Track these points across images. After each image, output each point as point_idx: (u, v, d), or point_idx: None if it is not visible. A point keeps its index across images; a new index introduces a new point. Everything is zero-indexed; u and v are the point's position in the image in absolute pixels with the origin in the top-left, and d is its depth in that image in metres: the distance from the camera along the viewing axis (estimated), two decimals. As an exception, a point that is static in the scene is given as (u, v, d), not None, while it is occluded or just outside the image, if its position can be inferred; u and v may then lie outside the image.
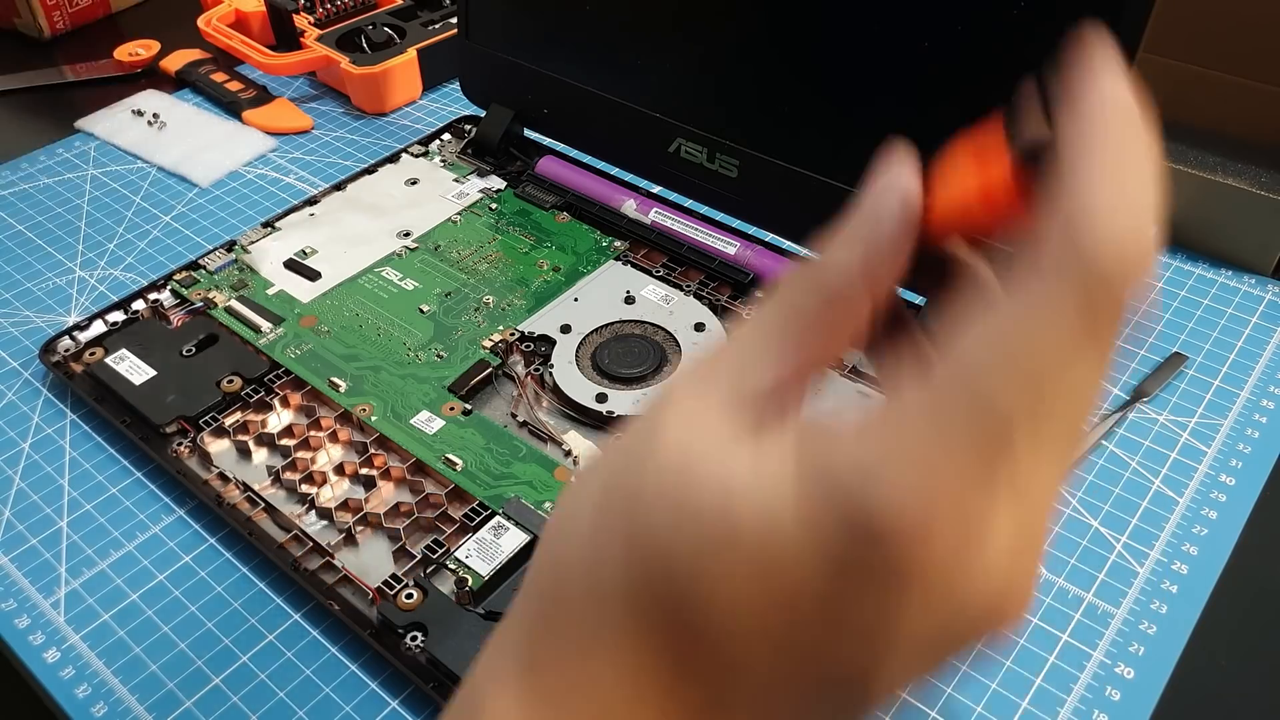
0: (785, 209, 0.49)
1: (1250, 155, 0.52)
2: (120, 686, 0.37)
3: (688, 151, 0.51)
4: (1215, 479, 0.43)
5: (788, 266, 0.44)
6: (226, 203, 0.61)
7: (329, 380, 0.46)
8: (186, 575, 0.40)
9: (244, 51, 0.69)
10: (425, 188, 0.58)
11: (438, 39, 0.69)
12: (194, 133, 0.66)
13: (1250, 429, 0.45)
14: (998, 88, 0.40)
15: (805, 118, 0.47)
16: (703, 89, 0.50)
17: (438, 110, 0.69)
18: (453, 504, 0.41)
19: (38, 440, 0.46)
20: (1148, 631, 0.37)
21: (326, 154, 0.65)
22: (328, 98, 0.71)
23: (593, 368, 0.46)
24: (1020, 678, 0.36)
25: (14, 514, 0.43)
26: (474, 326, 0.49)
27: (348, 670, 0.37)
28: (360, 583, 0.38)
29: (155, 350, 0.47)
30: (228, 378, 0.46)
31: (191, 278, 0.52)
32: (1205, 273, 0.53)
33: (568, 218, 0.55)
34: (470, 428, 0.44)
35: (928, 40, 0.41)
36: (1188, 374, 0.48)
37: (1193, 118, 0.54)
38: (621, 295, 0.50)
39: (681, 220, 0.53)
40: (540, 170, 0.58)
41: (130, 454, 0.45)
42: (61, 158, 0.65)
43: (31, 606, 0.39)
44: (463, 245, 0.54)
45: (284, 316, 0.49)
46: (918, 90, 0.43)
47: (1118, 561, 0.40)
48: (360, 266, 0.52)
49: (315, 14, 0.70)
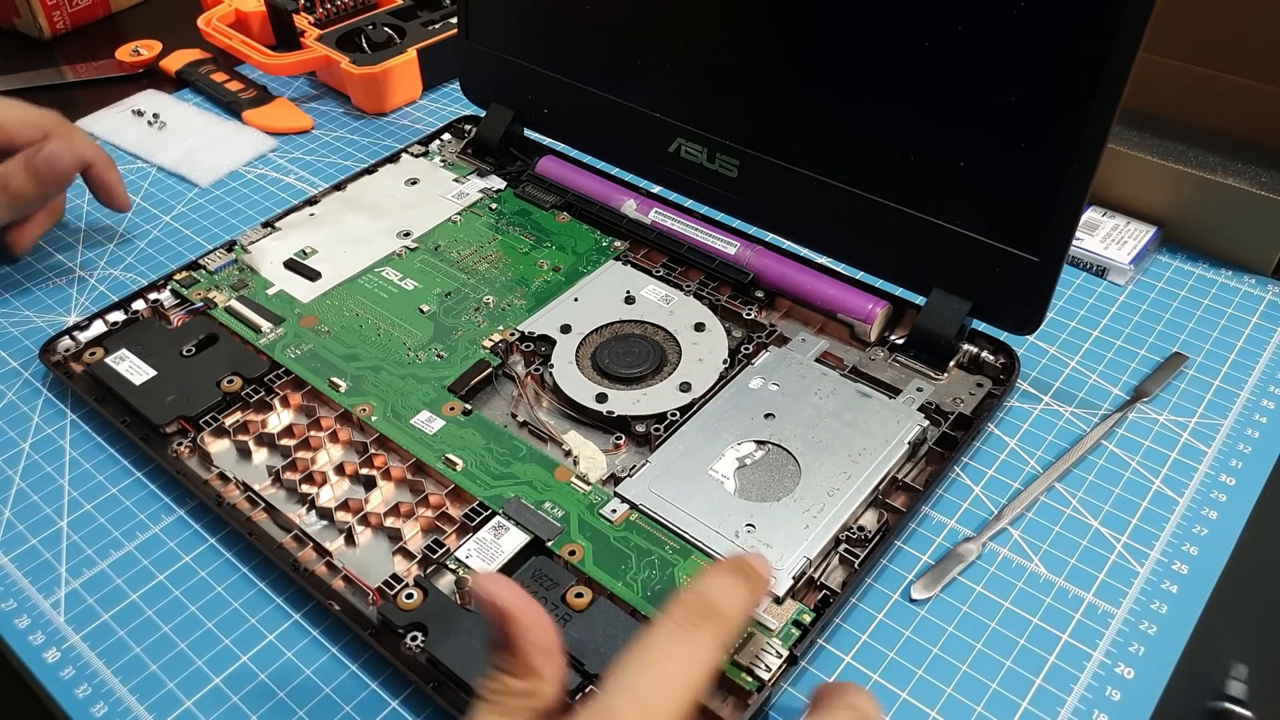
0: (785, 209, 0.49)
1: (1250, 155, 0.52)
2: (120, 686, 0.37)
3: (688, 151, 0.51)
4: (1215, 479, 0.43)
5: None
6: (226, 203, 0.61)
7: (329, 380, 0.46)
8: (186, 575, 0.40)
9: (244, 51, 0.69)
10: (425, 188, 0.58)
11: (438, 39, 0.69)
12: (194, 133, 0.66)
13: (1250, 429, 0.45)
14: (998, 88, 0.41)
15: (805, 118, 0.47)
16: (703, 89, 0.50)
17: (438, 110, 0.69)
18: (453, 504, 0.41)
19: (38, 440, 0.46)
20: (1148, 631, 0.37)
21: (326, 154, 0.65)
22: (328, 98, 0.71)
23: (593, 368, 0.46)
24: (1020, 678, 0.36)
25: (14, 514, 0.43)
26: (474, 326, 0.49)
27: (348, 670, 0.37)
28: (360, 583, 0.38)
29: (155, 350, 0.47)
30: (228, 378, 0.46)
31: (191, 278, 0.52)
32: (1205, 273, 0.53)
33: (568, 218, 0.55)
34: (470, 428, 0.44)
35: (928, 40, 0.41)
36: (1188, 374, 0.48)
37: (1193, 118, 0.54)
38: (621, 295, 0.50)
39: (681, 220, 0.53)
40: (540, 170, 0.58)
41: (130, 454, 0.45)
42: (61, 158, 0.65)
43: (31, 606, 0.39)
44: (463, 245, 0.54)
45: (284, 316, 0.49)
46: (918, 90, 0.43)
47: (1118, 561, 0.40)
48: (360, 266, 0.52)
49: (315, 14, 0.70)
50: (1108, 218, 0.55)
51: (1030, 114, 0.40)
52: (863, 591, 0.39)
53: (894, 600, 0.39)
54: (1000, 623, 0.38)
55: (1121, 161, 0.53)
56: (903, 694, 0.36)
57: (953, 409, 0.44)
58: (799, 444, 0.42)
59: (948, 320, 0.45)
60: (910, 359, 0.46)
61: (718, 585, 0.30)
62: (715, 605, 0.29)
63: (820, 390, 0.44)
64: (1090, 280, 0.53)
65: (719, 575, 0.30)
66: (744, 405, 0.44)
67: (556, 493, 0.41)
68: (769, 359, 0.46)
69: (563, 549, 0.38)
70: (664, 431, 0.43)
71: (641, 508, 0.40)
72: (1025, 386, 0.47)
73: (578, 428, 0.44)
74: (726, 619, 0.29)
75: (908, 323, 0.47)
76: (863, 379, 0.45)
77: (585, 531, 0.39)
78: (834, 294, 0.48)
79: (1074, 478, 0.43)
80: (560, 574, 0.37)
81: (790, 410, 0.43)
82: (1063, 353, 0.49)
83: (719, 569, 0.31)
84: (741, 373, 0.45)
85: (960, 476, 0.43)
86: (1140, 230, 0.54)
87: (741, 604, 0.30)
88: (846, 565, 0.39)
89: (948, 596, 0.39)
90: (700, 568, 0.38)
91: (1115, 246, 0.53)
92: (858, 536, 0.39)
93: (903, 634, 0.38)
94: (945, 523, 0.41)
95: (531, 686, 0.28)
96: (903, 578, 0.40)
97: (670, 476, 0.41)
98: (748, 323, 0.48)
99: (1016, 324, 0.44)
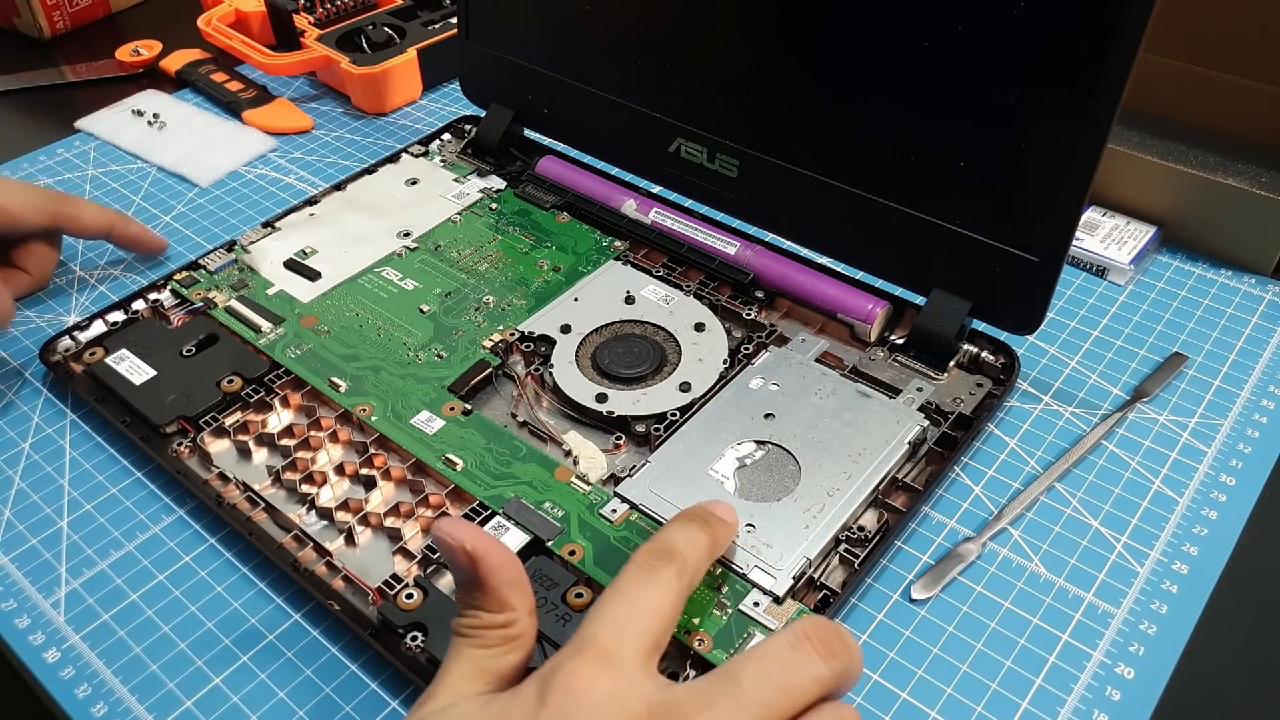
0: (785, 209, 0.49)
1: (1250, 155, 0.52)
2: (120, 686, 0.37)
3: (688, 151, 0.51)
4: (1215, 479, 0.43)
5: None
6: (226, 203, 0.61)
7: (329, 380, 0.46)
8: (186, 575, 0.40)
9: (244, 51, 0.69)
10: (425, 188, 0.58)
11: (438, 39, 0.69)
12: (194, 133, 0.66)
13: (1250, 429, 0.45)
14: (998, 88, 0.41)
15: (805, 118, 0.47)
16: (703, 89, 0.50)
17: (438, 110, 0.69)
18: (453, 504, 0.41)
19: (38, 440, 0.46)
20: (1148, 631, 0.37)
21: (326, 154, 0.65)
22: (328, 98, 0.71)
23: (593, 368, 0.46)
24: (1020, 678, 0.36)
25: (14, 514, 0.43)
26: (474, 326, 0.49)
27: (348, 670, 0.37)
28: (360, 583, 0.38)
29: (155, 350, 0.47)
30: (228, 378, 0.46)
31: (191, 278, 0.52)
32: (1205, 273, 0.53)
33: (568, 218, 0.55)
34: (470, 428, 0.44)
35: (928, 40, 0.41)
36: (1188, 374, 0.48)
37: (1193, 118, 0.54)
38: (621, 295, 0.50)
39: (681, 220, 0.53)
40: (540, 170, 0.58)
41: (130, 454, 0.45)
42: (61, 158, 0.65)
43: (31, 606, 0.39)
44: (463, 245, 0.54)
45: (284, 316, 0.49)
46: (918, 90, 0.43)
47: (1118, 561, 0.40)
48: (360, 266, 0.52)
49: (315, 14, 0.70)
50: (1108, 218, 0.55)
51: (1030, 114, 0.40)
52: (863, 591, 0.39)
53: (894, 600, 0.39)
54: (1000, 623, 0.38)
55: (1121, 161, 0.53)
56: (903, 694, 0.36)
57: (953, 409, 0.44)
58: (799, 444, 0.42)
59: (948, 320, 0.45)
60: (910, 359, 0.46)
61: (676, 531, 0.33)
62: (674, 548, 0.32)
63: (820, 390, 0.44)
64: (1090, 280, 0.53)
65: (678, 522, 0.34)
66: (744, 405, 0.44)
67: (556, 493, 0.41)
68: (769, 359, 0.46)
69: (563, 549, 0.38)
70: (664, 431, 0.43)
71: (641, 508, 0.40)
72: (1025, 386, 0.47)
73: (578, 428, 0.44)
74: (686, 558, 0.31)
75: (908, 323, 0.47)
76: (863, 379, 0.45)
77: (585, 531, 0.39)
78: (834, 294, 0.48)
79: (1074, 478, 0.43)
80: (560, 574, 0.37)
81: (790, 410, 0.43)
82: (1063, 353, 0.49)
83: (679, 517, 0.34)
84: (741, 373, 0.45)
85: (960, 476, 0.43)
86: (1140, 230, 0.54)
87: (701, 545, 0.32)
88: (846, 565, 0.39)
89: (948, 596, 0.39)
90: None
91: (1115, 246, 0.53)
92: (858, 536, 0.39)
93: (903, 634, 0.38)
94: (945, 523, 0.41)
95: (506, 618, 0.30)
96: (903, 578, 0.40)
97: (670, 476, 0.41)
98: (748, 323, 0.48)
99: (1016, 324, 0.44)
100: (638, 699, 0.27)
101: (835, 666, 0.28)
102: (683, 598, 0.31)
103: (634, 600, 0.30)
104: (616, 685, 0.27)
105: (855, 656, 0.29)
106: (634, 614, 0.29)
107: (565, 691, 0.27)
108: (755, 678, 0.28)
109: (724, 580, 0.37)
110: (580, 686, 0.27)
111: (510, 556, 0.31)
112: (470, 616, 0.30)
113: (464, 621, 0.31)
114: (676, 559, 0.31)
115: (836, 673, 0.28)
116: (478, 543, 0.30)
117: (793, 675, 0.28)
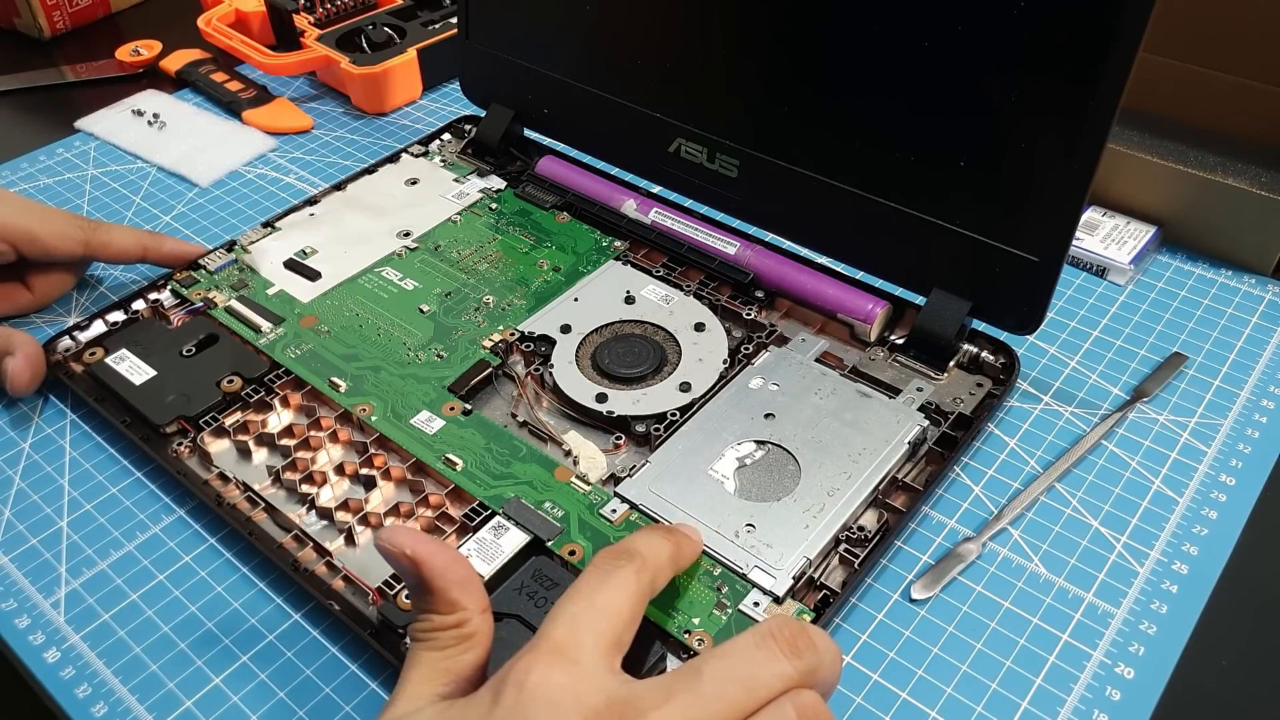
0: (785, 209, 0.49)
1: (1250, 155, 0.52)
2: (120, 686, 0.37)
3: (688, 151, 0.51)
4: (1215, 479, 0.43)
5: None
6: (226, 203, 0.61)
7: (329, 380, 0.46)
8: (186, 575, 0.40)
9: (244, 51, 0.69)
10: (425, 188, 0.58)
11: (438, 39, 0.69)
12: (194, 133, 0.66)
13: (1250, 429, 0.45)
14: (998, 88, 0.41)
15: (805, 118, 0.47)
16: (703, 89, 0.50)
17: (438, 110, 0.69)
18: (453, 504, 0.41)
19: (38, 440, 0.46)
20: (1148, 631, 0.37)
21: (326, 154, 0.65)
22: (328, 98, 0.71)
23: (593, 368, 0.46)
24: (1020, 678, 0.36)
25: (14, 514, 0.43)
26: (474, 326, 0.49)
27: (348, 670, 0.37)
28: (360, 583, 0.38)
29: (155, 350, 0.47)
30: (228, 378, 0.46)
31: (191, 278, 0.52)
32: (1205, 273, 0.53)
33: (568, 218, 0.55)
34: (470, 428, 0.44)
35: (928, 40, 0.41)
36: (1188, 374, 0.48)
37: (1193, 118, 0.54)
38: (621, 295, 0.50)
39: (681, 220, 0.53)
40: (540, 170, 0.58)
41: (130, 454, 0.45)
42: (61, 158, 0.65)
43: (31, 606, 0.39)
44: (463, 245, 0.54)
45: (284, 316, 0.49)
46: (918, 90, 0.43)
47: (1118, 561, 0.40)
48: (360, 266, 0.52)
49: (315, 14, 0.70)
50: (1108, 218, 0.55)
51: (1030, 114, 0.40)
52: (863, 591, 0.39)
53: (894, 600, 0.39)
54: (1000, 623, 0.38)
55: (1121, 161, 0.53)
56: (903, 694, 0.36)
57: (953, 409, 0.44)
58: (799, 444, 0.42)
59: (948, 320, 0.45)
60: (910, 359, 0.46)
61: (638, 536, 0.33)
62: (635, 549, 0.32)
63: (820, 390, 0.44)
64: (1090, 280, 0.53)
65: (642, 531, 0.34)
66: (744, 405, 0.44)
67: (556, 493, 0.41)
68: (769, 359, 0.46)
69: (563, 549, 0.38)
70: (664, 431, 0.43)
71: (641, 508, 0.40)
72: (1025, 386, 0.47)
73: (578, 428, 0.44)
74: (646, 559, 0.32)
75: (908, 323, 0.47)
76: (863, 379, 0.45)
77: (585, 531, 0.39)
78: (834, 294, 0.48)
79: (1074, 478, 0.43)
80: (560, 574, 0.37)
81: (790, 410, 0.43)
82: (1063, 353, 0.49)
83: (644, 529, 0.35)
84: (741, 373, 0.45)
85: (960, 476, 0.43)
86: (1140, 230, 0.54)
87: (662, 551, 0.33)
88: (846, 565, 0.39)
89: (948, 596, 0.39)
90: (700, 568, 0.38)
91: (1115, 246, 0.53)
92: (858, 536, 0.39)
93: (903, 634, 0.38)
94: (945, 523, 0.41)
95: (457, 618, 0.30)
96: (903, 578, 0.40)
97: (670, 476, 0.41)
98: (748, 323, 0.48)
99: (1016, 324, 0.44)
100: (596, 694, 0.27)
101: (800, 665, 0.28)
102: (642, 597, 0.31)
103: (590, 598, 0.30)
104: (573, 680, 0.27)
105: (825, 655, 0.29)
106: (591, 611, 0.29)
107: (519, 688, 0.27)
108: (717, 673, 0.28)
109: (724, 580, 0.37)
110: (534, 682, 0.27)
111: (456, 557, 0.31)
112: (423, 620, 0.31)
113: (417, 626, 0.31)
114: (636, 559, 0.31)
115: (802, 671, 0.28)
116: (418, 547, 0.31)
117: (755, 672, 0.28)
